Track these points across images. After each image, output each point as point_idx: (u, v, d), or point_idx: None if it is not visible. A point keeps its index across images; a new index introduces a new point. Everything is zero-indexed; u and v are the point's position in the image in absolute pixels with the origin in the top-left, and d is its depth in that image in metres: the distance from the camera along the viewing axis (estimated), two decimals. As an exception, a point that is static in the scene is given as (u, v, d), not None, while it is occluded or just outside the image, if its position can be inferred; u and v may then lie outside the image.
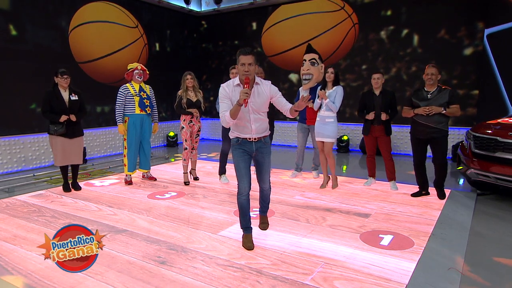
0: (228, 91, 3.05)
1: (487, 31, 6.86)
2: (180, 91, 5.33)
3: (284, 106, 3.12)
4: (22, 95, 6.78)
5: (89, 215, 4.13)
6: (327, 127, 4.94)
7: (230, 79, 3.34)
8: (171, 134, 9.75)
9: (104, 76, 8.27)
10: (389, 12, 8.16)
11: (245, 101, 2.84)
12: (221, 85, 3.13)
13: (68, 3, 7.47)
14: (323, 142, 5.05)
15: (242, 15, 10.03)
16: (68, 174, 5.15)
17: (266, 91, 3.08)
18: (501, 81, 6.27)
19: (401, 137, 8.09)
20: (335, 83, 4.98)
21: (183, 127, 5.37)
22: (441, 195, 4.57)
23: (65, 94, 4.82)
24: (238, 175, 3.14)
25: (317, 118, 5.03)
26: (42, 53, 7.04)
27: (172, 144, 9.72)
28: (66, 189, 5.11)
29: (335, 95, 4.89)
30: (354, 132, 8.65)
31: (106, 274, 2.76)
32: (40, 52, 7.01)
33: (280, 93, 3.17)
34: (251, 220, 3.30)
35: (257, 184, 3.30)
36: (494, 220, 4.05)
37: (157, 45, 9.64)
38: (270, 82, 3.16)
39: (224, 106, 3.03)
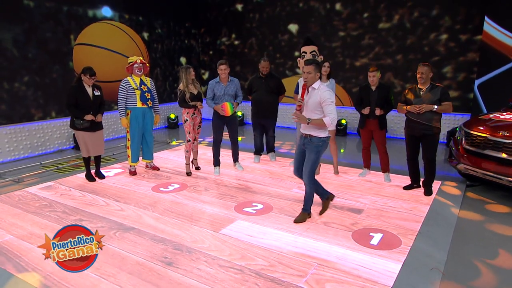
0: None
1: (478, 82, 7.02)
2: (180, 85, 5.42)
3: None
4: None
5: (98, 210, 4.38)
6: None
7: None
8: (172, 116, 9.87)
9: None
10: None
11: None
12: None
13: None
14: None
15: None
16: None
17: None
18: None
19: (398, 121, 8.23)
20: (329, 76, 5.34)
21: (186, 120, 5.52)
22: (428, 193, 4.76)
23: (89, 90, 5.09)
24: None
25: None
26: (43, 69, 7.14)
27: (173, 126, 9.87)
28: (90, 178, 5.43)
29: (332, 87, 5.27)
30: (352, 116, 8.78)
31: (119, 276, 3.03)
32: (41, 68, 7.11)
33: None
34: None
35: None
36: (479, 215, 4.29)
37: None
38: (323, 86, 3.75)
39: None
